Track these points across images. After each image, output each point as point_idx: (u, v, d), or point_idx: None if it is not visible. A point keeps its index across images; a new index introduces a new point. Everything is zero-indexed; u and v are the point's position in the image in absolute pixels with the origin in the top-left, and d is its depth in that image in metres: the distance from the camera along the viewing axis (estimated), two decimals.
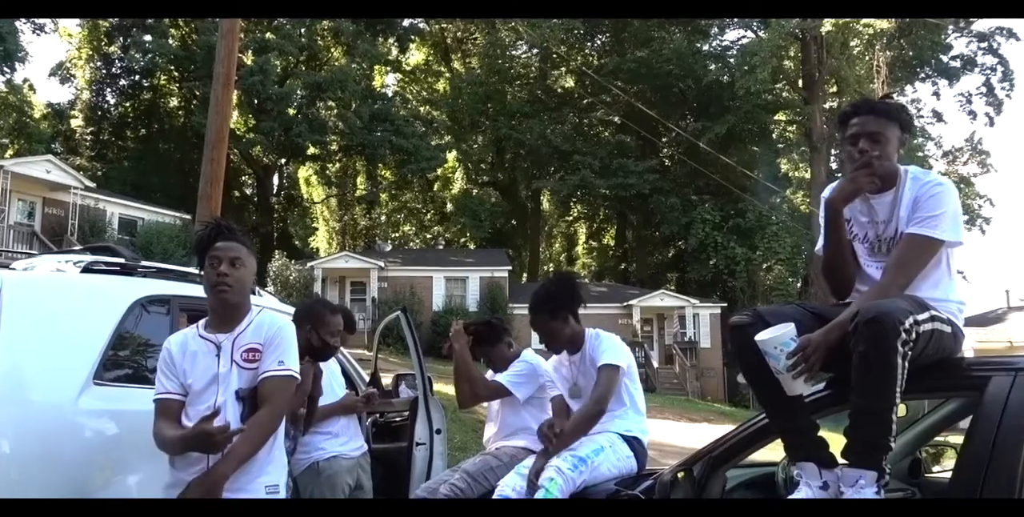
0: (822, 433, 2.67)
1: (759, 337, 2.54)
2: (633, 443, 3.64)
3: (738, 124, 39.12)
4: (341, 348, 4.97)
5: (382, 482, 4.75)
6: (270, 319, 2.84)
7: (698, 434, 16.80)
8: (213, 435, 2.45)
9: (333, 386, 4.43)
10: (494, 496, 3.51)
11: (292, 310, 4.88)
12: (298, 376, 2.84)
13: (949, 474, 3.59)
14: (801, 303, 2.86)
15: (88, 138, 41.13)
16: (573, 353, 3.79)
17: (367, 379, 5.43)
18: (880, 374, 2.35)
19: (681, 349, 33.63)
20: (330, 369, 4.49)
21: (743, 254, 37.46)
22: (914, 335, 2.38)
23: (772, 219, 38.53)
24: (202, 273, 2.81)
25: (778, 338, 2.51)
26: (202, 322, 2.79)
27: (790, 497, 2.59)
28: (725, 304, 35.25)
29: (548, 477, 3.30)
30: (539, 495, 3.28)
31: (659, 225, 40.74)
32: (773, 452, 3.17)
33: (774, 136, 43.07)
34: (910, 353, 2.37)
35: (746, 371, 2.65)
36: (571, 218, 48.79)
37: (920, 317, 2.44)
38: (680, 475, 2.85)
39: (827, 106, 38.75)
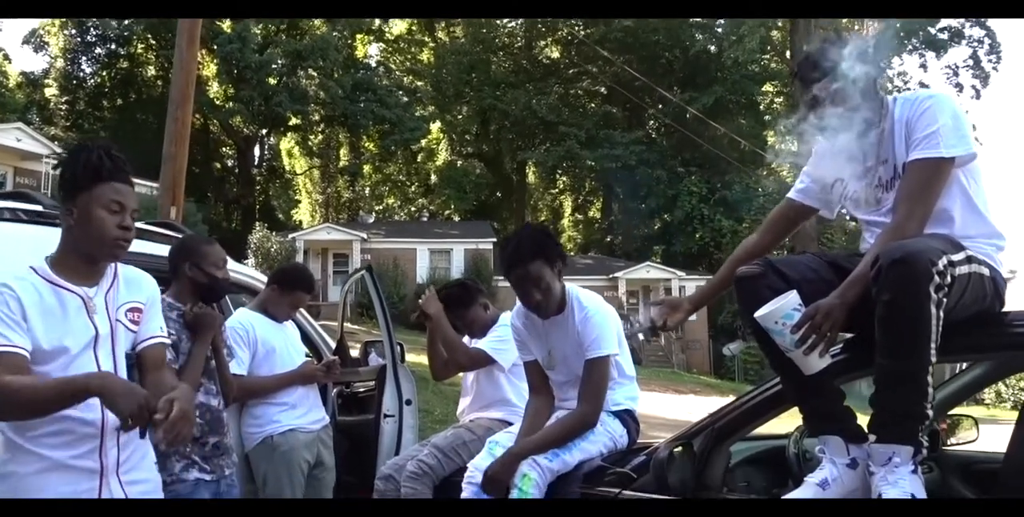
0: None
1: (758, 314, 2.14)
2: (624, 417, 3.23)
3: (725, 95, 38.70)
4: (303, 311, 4.58)
5: (347, 458, 4.37)
6: (139, 274, 2.37)
7: (685, 406, 16.55)
8: (141, 400, 1.81)
9: (291, 352, 4.03)
10: (465, 477, 3.10)
11: (263, 278, 4.45)
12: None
13: (969, 447, 3.27)
14: (817, 253, 2.44)
15: (63, 108, 40.23)
16: (550, 316, 3.23)
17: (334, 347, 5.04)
18: (911, 327, 1.95)
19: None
20: (288, 334, 4.10)
21: (729, 226, 37.17)
22: (949, 279, 1.98)
23: (759, 191, 38.22)
24: (71, 208, 2.14)
25: (779, 311, 2.11)
26: (42, 268, 2.15)
27: (810, 476, 2.19)
28: (711, 276, 34.92)
29: (521, 473, 2.88)
30: (512, 495, 2.86)
31: (645, 197, 40.33)
32: (783, 421, 2.79)
33: (761, 108, 42.62)
34: (945, 301, 1.97)
35: (754, 332, 2.25)
36: (556, 190, 48.33)
37: (955, 257, 2.03)
38: (678, 450, 2.45)
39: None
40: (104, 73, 41.48)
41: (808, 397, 2.23)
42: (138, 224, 4.11)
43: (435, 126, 42.94)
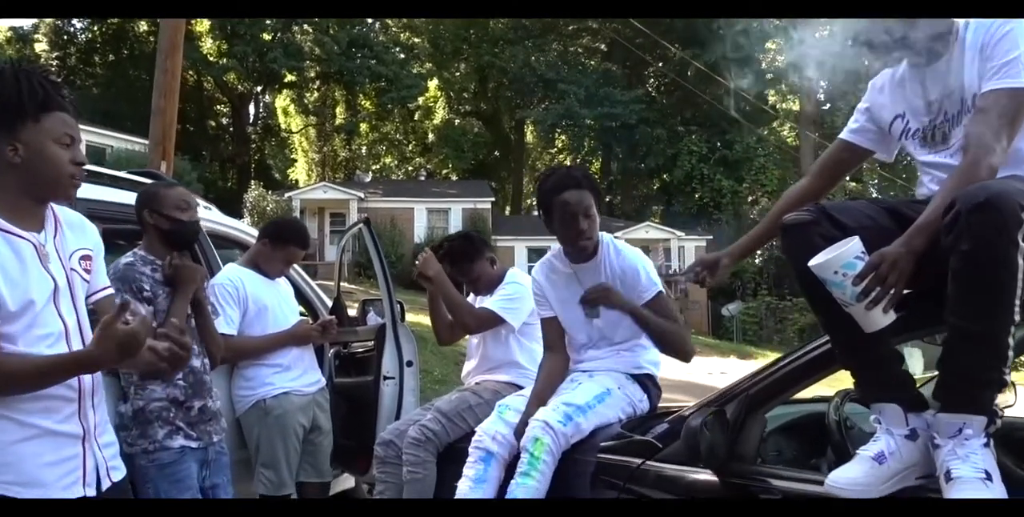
0: None
1: (814, 263, 1.87)
2: (645, 381, 3.01)
3: (726, 53, 38.09)
4: (297, 267, 4.34)
5: (345, 422, 4.15)
6: (80, 219, 2.07)
7: (686, 366, 16.39)
8: (139, 335, 1.67)
9: (284, 311, 3.78)
10: (473, 442, 2.87)
11: (255, 232, 4.23)
12: None
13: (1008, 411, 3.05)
14: (872, 198, 2.16)
15: (54, 64, 39.49)
16: (581, 261, 3.08)
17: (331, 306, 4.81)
18: (994, 281, 1.70)
19: (666, 282, 33.15)
20: (281, 291, 3.84)
21: (729, 187, 36.93)
22: None
23: (759, 151, 37.89)
24: (14, 145, 1.82)
25: (838, 259, 1.83)
26: None
27: (864, 449, 1.95)
28: (711, 237, 34.83)
29: (533, 437, 2.65)
30: (523, 460, 2.64)
31: (645, 157, 39.98)
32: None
33: (763, 65, 42.01)
34: None
35: (804, 286, 1.99)
36: (555, 150, 47.85)
37: None
38: (710, 418, 2.21)
39: (818, 35, 37.64)
40: (95, 28, 40.72)
41: (863, 360, 1.98)
42: (122, 173, 3.86)
43: (432, 84, 42.37)
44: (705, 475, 2.28)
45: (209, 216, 4.26)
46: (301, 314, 4.48)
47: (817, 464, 2.46)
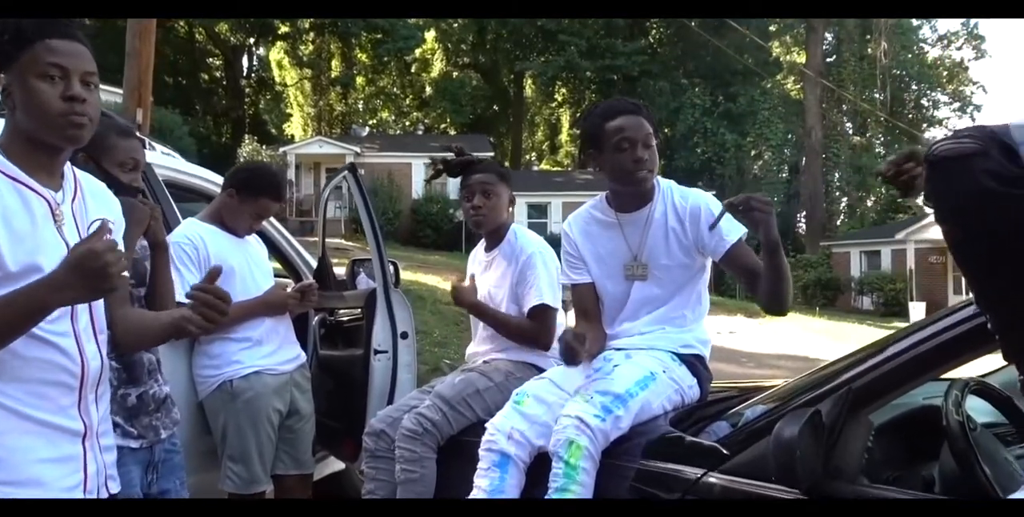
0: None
1: None
2: (695, 363, 2.44)
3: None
4: (273, 221, 3.76)
5: (331, 401, 3.61)
6: (102, 187, 1.83)
7: None
8: (101, 255, 1.38)
9: (255, 274, 3.19)
10: (484, 441, 2.31)
11: (219, 180, 3.68)
12: None
13: None
14: None
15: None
16: (630, 211, 2.53)
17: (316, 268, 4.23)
18: None
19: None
20: (251, 251, 3.24)
21: (733, 141, 36.26)
22: None
23: (763, 104, 37.16)
24: (8, 88, 1.61)
25: None
26: None
27: None
28: (713, 192, 34.21)
29: (566, 439, 2.08)
30: (556, 470, 2.07)
31: None
32: None
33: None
34: None
35: (962, 242, 1.40)
36: (555, 104, 47.02)
37: None
38: (806, 423, 1.64)
39: None
40: None
41: None
42: None
43: (430, 35, 41.46)
44: (792, 495, 1.73)
45: (170, 164, 3.67)
46: (281, 276, 3.90)
47: (929, 476, 1.91)
